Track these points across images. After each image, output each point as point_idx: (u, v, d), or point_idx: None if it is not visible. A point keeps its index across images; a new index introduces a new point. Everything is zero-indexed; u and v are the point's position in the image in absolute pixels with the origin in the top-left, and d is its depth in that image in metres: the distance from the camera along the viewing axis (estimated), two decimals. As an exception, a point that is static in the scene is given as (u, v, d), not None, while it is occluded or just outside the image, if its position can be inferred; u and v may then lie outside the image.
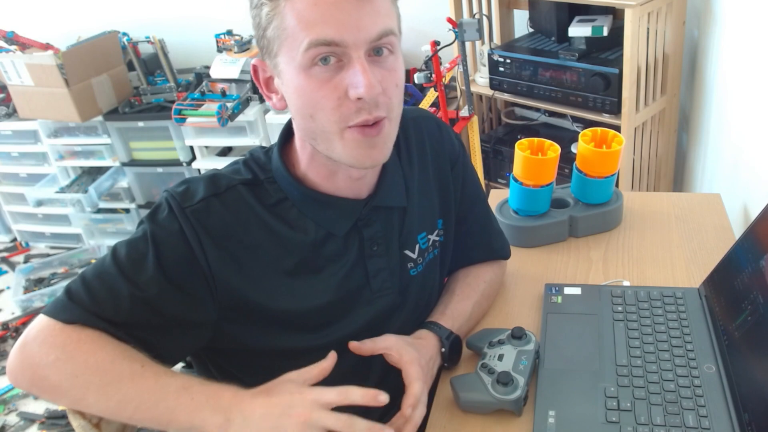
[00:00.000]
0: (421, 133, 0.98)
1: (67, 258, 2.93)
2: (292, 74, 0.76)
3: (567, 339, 0.97)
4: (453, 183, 1.01)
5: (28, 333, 0.80)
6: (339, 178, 0.86)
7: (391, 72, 0.77)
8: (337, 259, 0.89)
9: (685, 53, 2.02)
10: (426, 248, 0.98)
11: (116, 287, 0.80)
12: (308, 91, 0.75)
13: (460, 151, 1.03)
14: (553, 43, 2.14)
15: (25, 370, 0.79)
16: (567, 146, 2.15)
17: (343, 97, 0.75)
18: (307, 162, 0.86)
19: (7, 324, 2.55)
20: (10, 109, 2.81)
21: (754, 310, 0.85)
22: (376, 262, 0.92)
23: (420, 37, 2.21)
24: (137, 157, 2.80)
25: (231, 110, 2.35)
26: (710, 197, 1.33)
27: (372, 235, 0.91)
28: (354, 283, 0.91)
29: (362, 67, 0.73)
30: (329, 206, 0.88)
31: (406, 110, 0.99)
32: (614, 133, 1.22)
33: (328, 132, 0.77)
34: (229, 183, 0.85)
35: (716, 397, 0.84)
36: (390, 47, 0.76)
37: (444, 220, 1.01)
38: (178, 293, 0.82)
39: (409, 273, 0.96)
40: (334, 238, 0.88)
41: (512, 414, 0.87)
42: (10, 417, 2.14)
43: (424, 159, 0.97)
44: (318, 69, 0.74)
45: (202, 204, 0.83)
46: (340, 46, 0.72)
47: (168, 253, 0.81)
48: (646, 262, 1.15)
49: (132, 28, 2.84)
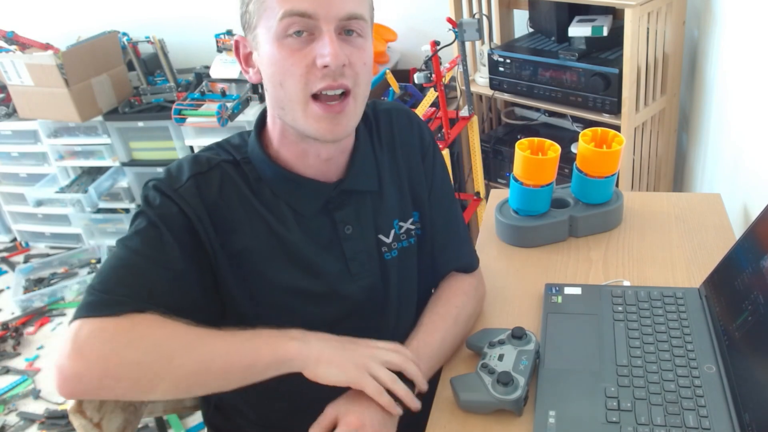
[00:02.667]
0: (391, 124, 1.01)
1: (67, 258, 2.93)
2: (267, 45, 0.81)
3: (567, 339, 0.97)
4: (425, 176, 1.02)
5: (75, 339, 0.77)
6: (309, 158, 0.90)
7: (359, 50, 0.83)
8: (310, 241, 0.92)
9: (685, 53, 2.02)
10: (399, 234, 0.99)
11: (146, 273, 0.83)
12: (280, 59, 0.81)
13: (430, 144, 1.04)
14: (553, 43, 2.14)
15: (93, 373, 0.77)
16: (567, 146, 2.15)
17: (311, 65, 0.80)
18: (278, 140, 0.90)
19: (7, 324, 2.55)
20: (10, 109, 2.81)
21: (754, 310, 0.85)
22: (352, 244, 0.94)
23: (420, 37, 2.22)
24: (137, 157, 2.80)
25: (231, 110, 2.35)
26: (710, 197, 1.33)
27: (343, 218, 0.94)
28: (332, 267, 0.93)
29: (330, 38, 0.79)
30: (299, 186, 0.91)
31: (381, 103, 1.04)
32: (614, 133, 1.22)
33: (294, 101, 0.82)
34: (211, 162, 0.89)
35: (716, 397, 0.84)
36: (359, 30, 0.82)
37: (420, 213, 1.02)
38: (196, 268, 0.86)
39: (384, 257, 0.98)
40: (304, 219, 0.91)
41: (512, 414, 0.87)
42: (10, 417, 2.14)
43: (392, 149, 1.00)
44: (291, 39, 0.80)
45: (191, 182, 0.87)
46: (312, 19, 0.78)
47: (178, 232, 0.85)
48: (646, 262, 1.15)
49: (132, 28, 2.84)
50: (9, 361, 2.40)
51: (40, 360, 2.39)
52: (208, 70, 2.58)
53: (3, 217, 3.15)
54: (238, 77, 2.49)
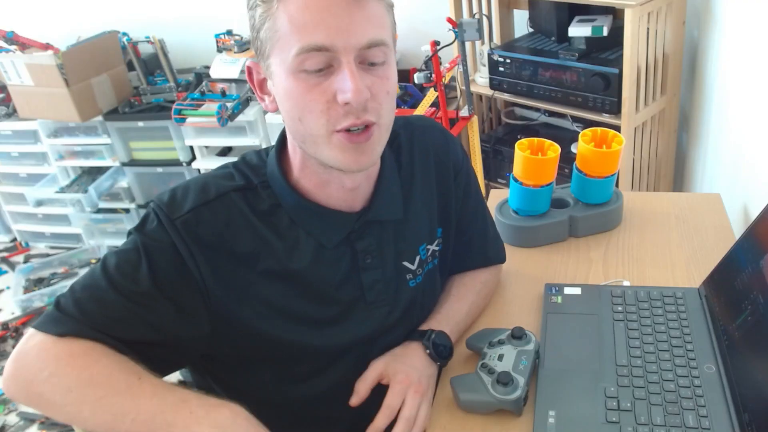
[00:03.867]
0: (426, 141, 0.97)
1: (66, 258, 2.93)
2: (283, 77, 0.75)
3: (567, 339, 0.97)
4: (455, 192, 1.00)
5: (21, 348, 0.79)
6: (332, 187, 0.85)
7: (382, 79, 0.76)
8: (327, 271, 0.88)
9: (685, 53, 2.02)
10: (425, 259, 0.98)
11: (107, 299, 0.79)
12: (297, 94, 0.75)
13: (464, 161, 1.02)
14: (553, 43, 2.14)
15: (19, 386, 0.78)
16: (567, 146, 2.15)
17: (331, 101, 0.74)
18: (299, 168, 0.85)
19: (7, 324, 2.55)
20: (10, 109, 2.81)
21: (754, 310, 0.85)
22: (371, 274, 0.91)
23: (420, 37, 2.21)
24: (137, 157, 2.80)
25: (231, 110, 2.35)
26: (710, 197, 1.33)
27: (365, 248, 0.90)
28: (347, 295, 0.90)
29: (351, 72, 0.73)
30: (321, 217, 0.86)
31: (414, 118, 0.99)
32: (614, 133, 1.22)
33: (316, 135, 0.77)
34: (219, 190, 0.83)
35: (716, 397, 0.84)
36: (382, 57, 0.76)
37: (443, 228, 1.00)
38: (172, 306, 0.80)
39: (408, 284, 0.95)
40: (324, 250, 0.87)
41: (512, 414, 0.87)
42: (10, 417, 2.14)
43: (427, 167, 0.96)
44: (308, 73, 0.74)
45: (191, 214, 0.81)
46: (330, 51, 0.72)
47: (161, 265, 0.80)
48: (646, 262, 1.15)
49: (132, 28, 2.84)
50: (9, 361, 2.40)
51: (40, 360, 2.39)
52: (208, 70, 2.58)
53: (3, 217, 3.15)
54: (238, 77, 2.49)
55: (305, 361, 0.91)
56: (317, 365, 0.92)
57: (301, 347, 0.89)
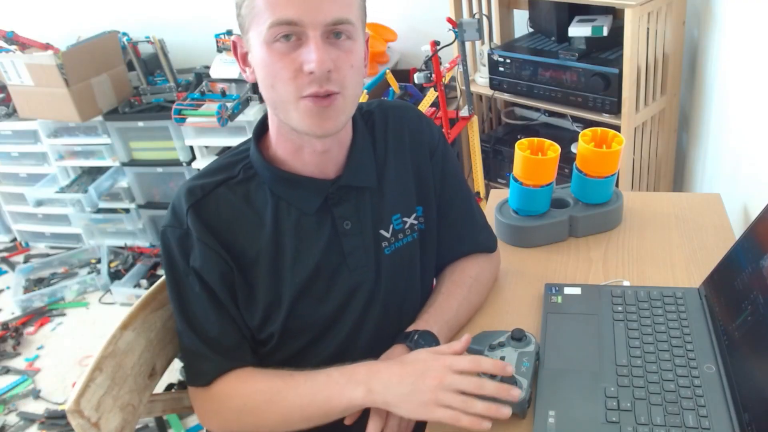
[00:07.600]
0: (401, 121, 1.03)
1: (67, 258, 2.93)
2: (258, 48, 0.84)
3: (567, 339, 0.97)
4: (432, 172, 1.04)
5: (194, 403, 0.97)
6: (305, 152, 0.92)
7: (347, 53, 0.84)
8: (312, 237, 0.94)
9: (685, 53, 2.02)
10: (401, 229, 1.01)
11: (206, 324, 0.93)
12: (270, 63, 0.83)
13: (440, 142, 1.06)
14: (553, 43, 2.14)
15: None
16: (567, 146, 2.15)
17: (298, 69, 0.82)
18: (275, 137, 0.93)
19: (7, 324, 2.55)
20: (10, 109, 2.81)
21: (754, 310, 0.85)
22: (351, 240, 0.96)
23: (420, 37, 2.22)
24: (137, 157, 2.80)
25: (231, 110, 2.35)
26: (710, 197, 1.33)
27: (342, 213, 0.96)
28: (331, 260, 0.96)
29: (316, 45, 0.81)
30: (298, 185, 0.94)
31: (389, 101, 1.07)
32: (614, 133, 1.22)
33: (286, 101, 0.85)
34: (205, 189, 0.93)
35: (716, 397, 0.84)
36: (347, 33, 0.84)
37: (424, 207, 1.03)
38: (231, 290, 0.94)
39: (384, 252, 0.99)
40: (306, 217, 0.94)
41: (513, 415, 0.86)
42: (10, 417, 2.14)
43: (401, 145, 1.02)
44: (279, 44, 0.82)
45: (192, 216, 0.91)
46: (299, 26, 0.81)
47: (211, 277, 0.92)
48: (646, 262, 1.15)
49: (132, 28, 2.84)
50: (9, 361, 2.40)
51: (40, 360, 2.39)
52: (208, 70, 2.58)
53: (3, 217, 3.15)
54: (238, 77, 2.49)
55: (299, 335, 0.97)
56: (311, 336, 0.98)
57: (299, 317, 0.96)
